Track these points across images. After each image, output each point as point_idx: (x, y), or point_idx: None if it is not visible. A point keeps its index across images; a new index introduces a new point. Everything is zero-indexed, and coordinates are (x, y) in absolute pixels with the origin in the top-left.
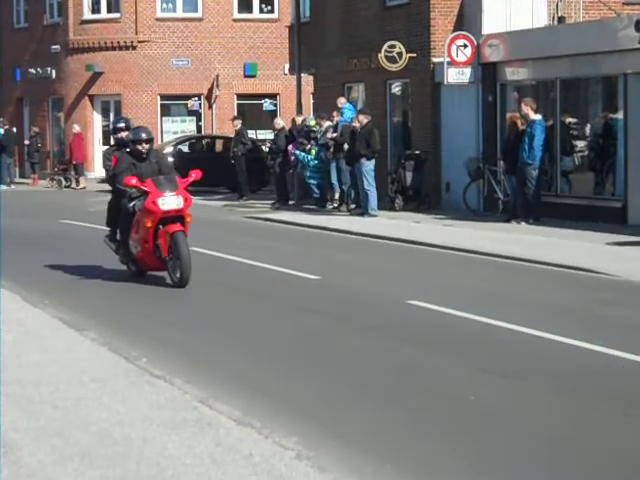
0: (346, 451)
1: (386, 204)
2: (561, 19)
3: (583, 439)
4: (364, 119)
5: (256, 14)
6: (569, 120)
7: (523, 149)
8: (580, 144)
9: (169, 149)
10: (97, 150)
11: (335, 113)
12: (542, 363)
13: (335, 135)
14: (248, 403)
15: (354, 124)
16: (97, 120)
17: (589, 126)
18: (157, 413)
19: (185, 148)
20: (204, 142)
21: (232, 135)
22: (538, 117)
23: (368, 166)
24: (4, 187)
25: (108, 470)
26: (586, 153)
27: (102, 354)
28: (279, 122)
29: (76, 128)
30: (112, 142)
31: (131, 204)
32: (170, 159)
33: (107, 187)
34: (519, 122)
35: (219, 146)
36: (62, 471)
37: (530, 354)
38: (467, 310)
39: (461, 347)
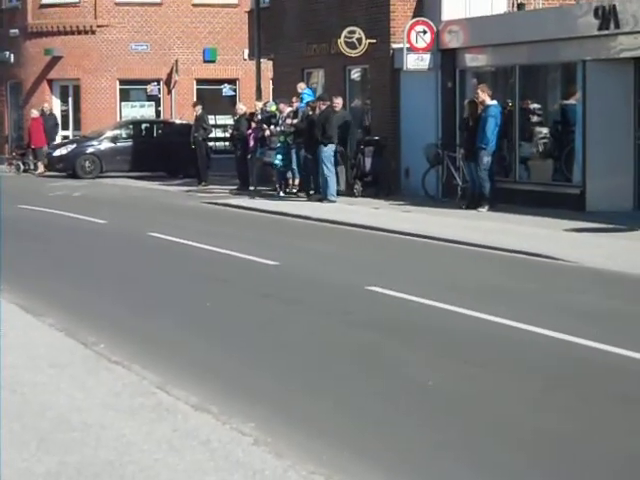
0: (304, 437)
1: (345, 190)
2: (520, 6)
3: (545, 426)
4: (322, 105)
5: None
6: (528, 106)
7: (478, 134)
8: (539, 130)
9: (108, 133)
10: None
11: (295, 99)
12: (500, 350)
13: (295, 121)
14: (206, 389)
15: (308, 111)
16: (56, 104)
17: (548, 113)
18: (115, 399)
19: (124, 133)
20: (143, 127)
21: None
22: (493, 102)
23: (327, 152)
24: None
25: (65, 456)
26: (545, 140)
27: (60, 340)
28: (241, 107)
29: (34, 113)
30: None
31: None
32: (110, 144)
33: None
34: (479, 108)
35: (159, 131)
36: (19, 456)
37: (488, 340)
38: (425, 296)
39: (420, 333)
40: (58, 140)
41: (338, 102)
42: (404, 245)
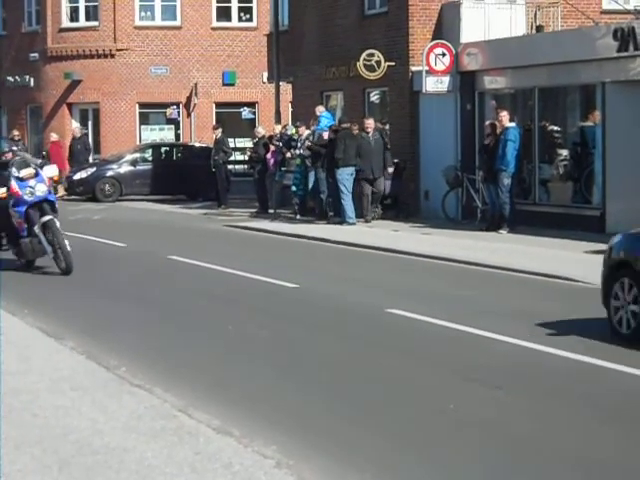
0: (326, 460)
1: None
2: (539, 28)
3: (551, 445)
4: (340, 128)
5: (235, 22)
6: (547, 128)
7: (498, 156)
8: (558, 152)
9: (128, 157)
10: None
11: (312, 121)
12: (523, 373)
13: (310, 144)
14: (228, 412)
15: (324, 135)
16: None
17: (567, 135)
18: (137, 422)
19: (143, 156)
20: (162, 150)
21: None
22: (512, 124)
23: (343, 174)
24: None
25: (88, 479)
26: (564, 161)
27: (81, 363)
28: (259, 131)
29: (54, 136)
30: None
31: None
32: (130, 167)
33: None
34: (498, 130)
35: (178, 154)
36: None
37: (508, 363)
38: (447, 319)
39: (441, 355)
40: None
41: (370, 123)
42: (424, 267)
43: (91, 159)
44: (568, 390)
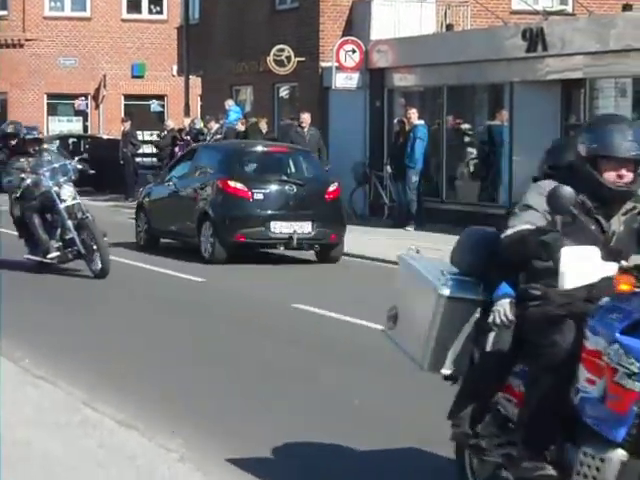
0: (230, 454)
1: None
2: (449, 27)
3: None
4: (247, 122)
5: (145, 15)
6: (456, 127)
7: (406, 154)
8: (466, 151)
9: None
10: None
11: (222, 115)
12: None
13: (219, 137)
14: (132, 405)
15: (240, 127)
16: None
17: (476, 133)
18: (40, 415)
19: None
20: (70, 142)
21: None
22: (421, 122)
23: None
24: None
25: None
26: (472, 160)
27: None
28: (169, 124)
29: None
30: None
31: None
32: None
33: None
34: (406, 127)
35: (86, 146)
36: None
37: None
38: (350, 314)
39: (342, 350)
40: None
41: (305, 118)
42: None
43: None
44: None
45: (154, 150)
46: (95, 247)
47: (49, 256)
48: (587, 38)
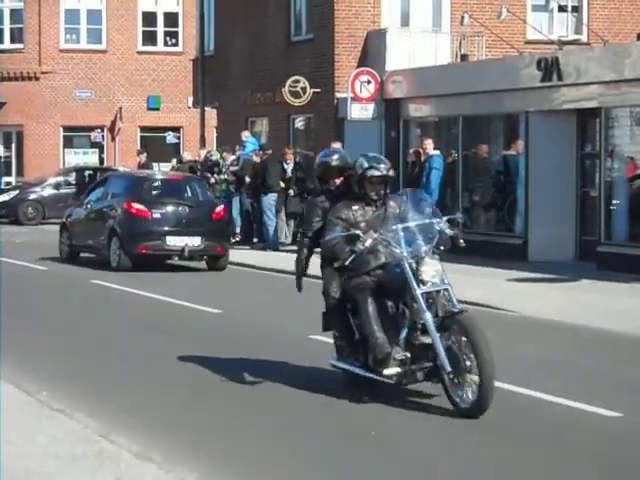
0: None
1: (288, 238)
2: (464, 57)
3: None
4: (264, 154)
5: (160, 47)
6: (471, 157)
7: (422, 184)
8: (482, 181)
9: (51, 180)
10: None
11: (238, 147)
12: (436, 398)
13: (235, 168)
14: (149, 437)
15: (255, 158)
16: None
17: (491, 163)
18: (57, 447)
19: (67, 180)
20: (86, 174)
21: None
22: (436, 152)
23: (267, 200)
24: None
25: None
26: (488, 189)
27: (1, 387)
28: (185, 156)
29: None
30: None
31: None
32: (53, 191)
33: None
34: (422, 157)
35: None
36: None
37: (426, 389)
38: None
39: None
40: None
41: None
42: None
43: (2, 182)
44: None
45: None
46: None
47: (387, 372)
48: (602, 67)
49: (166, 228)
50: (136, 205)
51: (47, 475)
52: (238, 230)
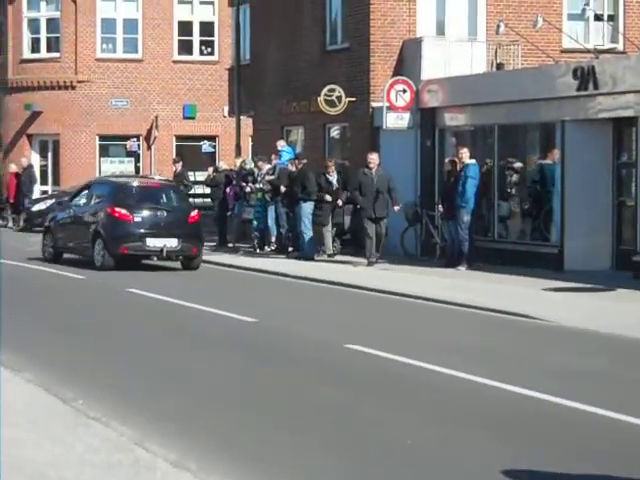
0: None
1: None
2: (500, 66)
3: None
4: (299, 163)
5: (196, 56)
6: (507, 166)
7: (457, 193)
8: (518, 190)
9: None
10: (35, 189)
11: (274, 156)
12: (477, 408)
13: (272, 178)
14: (185, 445)
15: (290, 167)
16: (35, 159)
17: (527, 172)
18: (92, 455)
19: None
20: None
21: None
22: (472, 161)
23: (305, 209)
24: None
25: None
26: (524, 199)
27: (38, 395)
28: (221, 165)
29: (13, 167)
30: None
31: None
32: None
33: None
34: (458, 166)
35: None
36: None
37: (466, 399)
38: (404, 355)
39: (398, 392)
40: (37, 195)
41: (373, 159)
42: (382, 303)
43: (37, 190)
44: (519, 428)
45: (206, 190)
46: None
47: None
48: (638, 76)
49: (146, 231)
50: (119, 209)
51: None
52: (273, 239)
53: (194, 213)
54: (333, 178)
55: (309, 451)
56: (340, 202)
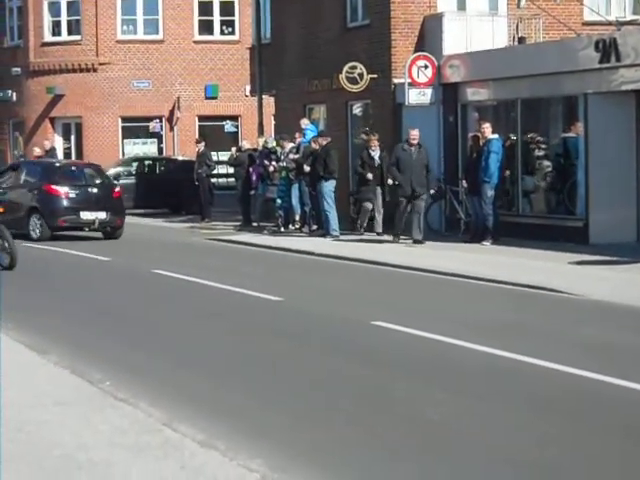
0: (310, 473)
1: (348, 225)
2: (521, 40)
3: (552, 462)
4: (323, 141)
5: (217, 36)
6: (530, 140)
7: (481, 168)
8: (541, 164)
9: (111, 171)
10: None
11: (298, 134)
12: (506, 383)
13: (297, 156)
14: (212, 425)
15: (313, 146)
16: (58, 142)
17: (550, 146)
18: (121, 436)
19: (126, 170)
20: (146, 164)
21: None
22: (495, 136)
23: (327, 187)
24: None
25: None
26: (547, 173)
27: (65, 377)
28: (244, 144)
29: (37, 151)
30: None
31: None
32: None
33: None
34: (480, 142)
35: (161, 168)
36: None
37: (493, 374)
38: (432, 331)
39: (426, 368)
40: None
41: (414, 134)
42: (408, 279)
43: None
44: (550, 402)
45: (229, 170)
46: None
47: None
48: None
49: (80, 205)
50: (54, 187)
51: (112, 465)
52: (297, 218)
53: (117, 189)
54: (376, 154)
55: (336, 427)
56: (370, 175)
